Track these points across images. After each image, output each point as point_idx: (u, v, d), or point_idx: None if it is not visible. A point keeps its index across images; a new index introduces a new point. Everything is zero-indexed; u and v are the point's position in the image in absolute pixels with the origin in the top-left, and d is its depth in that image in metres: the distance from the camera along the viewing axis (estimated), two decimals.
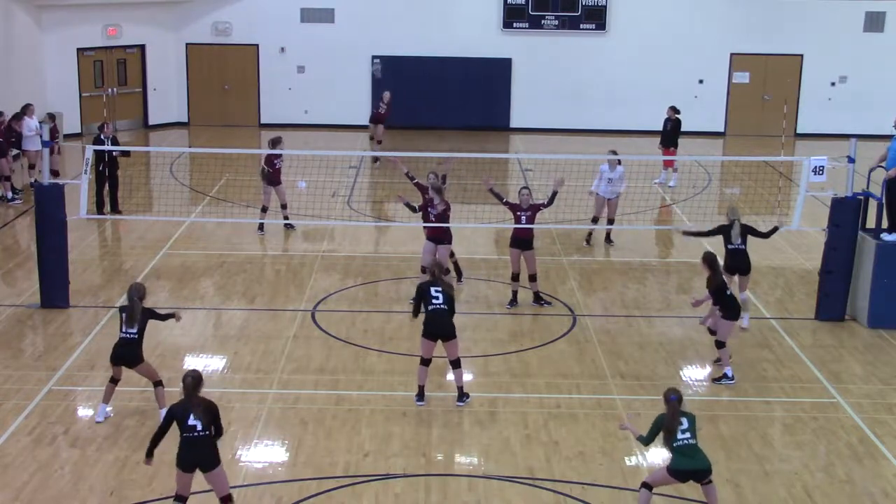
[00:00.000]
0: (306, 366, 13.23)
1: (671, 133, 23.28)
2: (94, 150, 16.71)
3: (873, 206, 15.29)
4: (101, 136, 19.68)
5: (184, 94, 30.37)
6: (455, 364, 12.06)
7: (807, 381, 13.10)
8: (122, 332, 11.36)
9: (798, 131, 30.28)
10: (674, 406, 9.46)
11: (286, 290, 16.10)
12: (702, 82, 30.08)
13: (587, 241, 18.68)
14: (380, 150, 25.14)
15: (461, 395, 12.15)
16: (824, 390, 12.84)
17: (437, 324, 11.89)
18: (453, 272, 16.01)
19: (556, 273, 17.02)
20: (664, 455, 9.85)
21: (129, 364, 11.39)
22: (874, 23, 29.77)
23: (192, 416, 9.08)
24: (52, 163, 16.26)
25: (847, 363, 13.75)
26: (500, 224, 18.47)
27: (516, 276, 15.44)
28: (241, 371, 13.04)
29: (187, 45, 30.04)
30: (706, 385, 13.06)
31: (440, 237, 15.25)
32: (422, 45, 29.56)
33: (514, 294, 15.51)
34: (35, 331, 14.31)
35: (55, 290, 14.88)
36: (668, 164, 23.54)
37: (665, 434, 9.45)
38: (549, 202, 15.23)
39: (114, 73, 29.01)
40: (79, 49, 27.97)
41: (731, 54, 30.06)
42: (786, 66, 30.16)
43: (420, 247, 15.75)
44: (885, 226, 15.03)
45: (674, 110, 23.24)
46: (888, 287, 14.65)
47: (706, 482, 9.59)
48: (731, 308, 12.87)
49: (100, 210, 19.64)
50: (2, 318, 14.64)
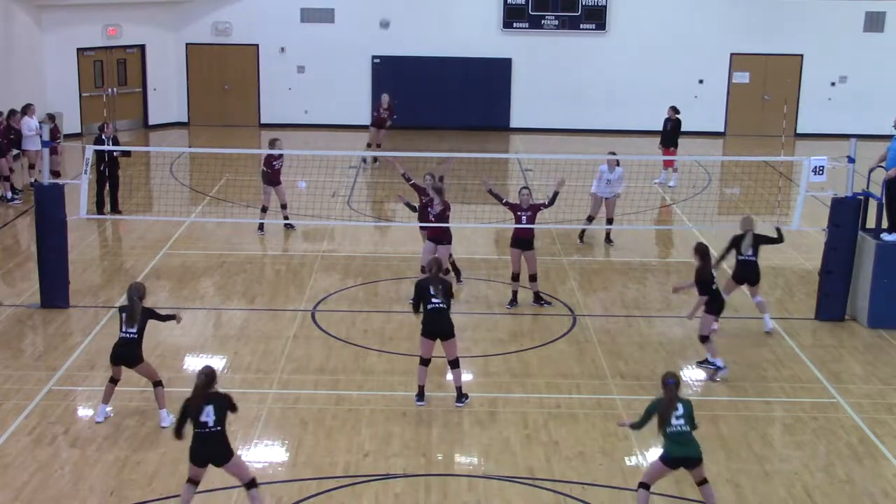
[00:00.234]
0: (306, 366, 13.23)
1: (671, 133, 23.28)
2: (95, 150, 16.71)
3: (873, 206, 15.29)
4: (103, 136, 19.70)
5: (184, 94, 30.37)
6: (453, 364, 12.05)
7: (807, 381, 13.10)
8: (121, 331, 11.37)
9: (798, 131, 30.28)
10: (671, 390, 9.45)
11: (286, 290, 16.10)
12: (702, 82, 30.08)
13: (580, 238, 18.79)
14: (377, 151, 25.03)
15: (460, 395, 12.14)
16: (824, 390, 12.84)
17: (435, 322, 11.88)
18: (452, 273, 16.00)
19: (556, 273, 17.02)
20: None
21: (128, 364, 11.40)
22: (874, 23, 29.77)
23: (204, 411, 9.13)
24: (52, 163, 16.23)
25: (847, 363, 13.75)
26: (500, 224, 18.47)
27: (516, 276, 15.44)
28: (241, 371, 13.05)
29: (187, 45, 30.03)
30: (706, 385, 13.05)
31: (440, 237, 15.25)
32: (422, 45, 29.56)
33: (514, 294, 15.51)
34: (35, 331, 14.31)
35: (55, 290, 14.88)
36: (668, 164, 23.54)
37: (659, 419, 9.43)
38: (551, 202, 15.23)
39: (114, 73, 29.01)
40: (79, 49, 27.97)
41: (731, 54, 30.06)
42: (786, 66, 30.16)
43: (420, 247, 15.76)
44: (885, 226, 15.03)
45: (674, 110, 23.26)
46: (888, 287, 14.65)
47: (702, 482, 9.59)
48: (715, 302, 12.93)
49: (100, 210, 19.65)
50: (2, 318, 14.65)
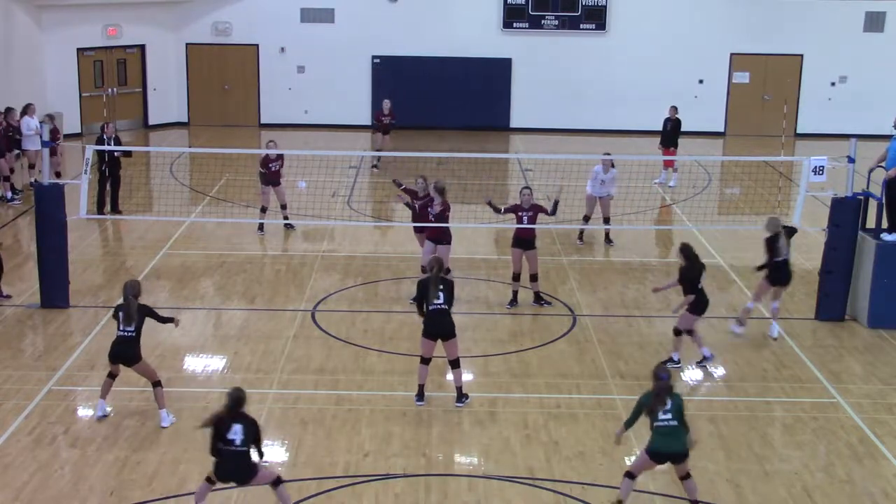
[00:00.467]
0: (306, 366, 13.23)
1: (671, 133, 23.29)
2: (95, 150, 16.70)
3: (873, 206, 15.28)
4: (104, 137, 19.70)
5: (184, 94, 30.37)
6: (454, 364, 12.05)
7: (807, 381, 13.10)
8: (119, 330, 11.37)
9: (798, 131, 30.28)
10: (661, 385, 9.46)
11: (286, 290, 16.10)
12: (702, 82, 30.08)
13: (580, 238, 18.81)
14: (377, 152, 24.96)
15: (460, 395, 12.13)
16: (824, 390, 12.84)
17: (436, 323, 11.88)
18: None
19: (556, 273, 17.02)
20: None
21: (127, 362, 11.39)
22: (874, 23, 29.77)
23: (232, 429, 9.09)
24: (52, 164, 16.21)
25: (847, 363, 13.75)
26: (501, 224, 18.47)
27: (517, 276, 15.43)
28: (241, 371, 13.04)
29: (187, 45, 30.04)
30: (706, 385, 13.06)
31: (440, 237, 15.24)
32: (422, 45, 29.57)
33: (515, 294, 15.50)
34: (35, 331, 14.31)
35: (55, 290, 14.88)
36: (668, 164, 23.55)
37: (648, 413, 9.48)
38: (553, 212, 15.20)
39: (114, 73, 29.00)
40: (79, 49, 27.97)
41: (731, 54, 30.06)
42: (786, 66, 30.15)
43: (416, 247, 15.74)
44: (885, 226, 15.02)
45: (675, 110, 23.27)
46: (888, 287, 14.65)
47: (686, 476, 9.60)
48: (700, 302, 13.01)
49: (100, 210, 19.65)
50: (2, 318, 14.64)
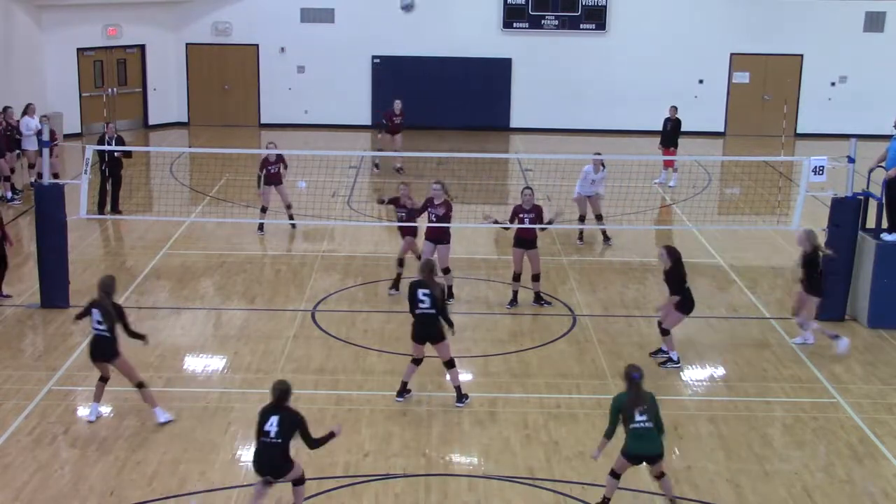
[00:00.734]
0: (306, 366, 13.23)
1: (671, 133, 23.30)
2: (95, 150, 16.70)
3: (873, 206, 15.28)
4: (106, 137, 19.70)
5: (184, 94, 30.37)
6: (448, 364, 12.04)
7: (807, 381, 13.10)
8: (93, 327, 11.34)
9: (798, 131, 30.29)
10: (636, 384, 9.46)
11: (286, 290, 16.10)
12: (702, 82, 30.09)
13: (580, 238, 18.84)
14: (376, 152, 24.93)
15: (460, 395, 12.12)
16: (824, 390, 12.84)
17: (424, 327, 11.87)
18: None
19: (556, 273, 17.02)
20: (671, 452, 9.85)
21: (105, 359, 11.35)
22: (874, 23, 29.77)
23: (269, 421, 9.11)
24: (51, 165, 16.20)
25: (847, 363, 13.74)
26: (501, 224, 18.41)
27: (518, 276, 15.43)
28: (241, 371, 13.04)
29: (187, 45, 30.04)
30: (706, 385, 13.06)
31: (439, 237, 15.24)
32: (422, 45, 29.57)
33: (515, 294, 15.50)
34: (35, 331, 14.31)
35: (55, 290, 14.88)
36: (668, 164, 23.55)
37: (623, 416, 9.46)
38: (548, 225, 15.36)
39: (114, 73, 29.02)
40: (79, 49, 27.98)
41: (731, 54, 30.07)
42: (786, 66, 30.16)
43: (420, 247, 15.73)
44: (885, 226, 15.02)
45: (675, 110, 23.27)
46: (888, 287, 14.65)
47: (660, 475, 9.61)
48: (687, 301, 13.09)
49: (100, 210, 19.65)
50: (2, 318, 14.65)
